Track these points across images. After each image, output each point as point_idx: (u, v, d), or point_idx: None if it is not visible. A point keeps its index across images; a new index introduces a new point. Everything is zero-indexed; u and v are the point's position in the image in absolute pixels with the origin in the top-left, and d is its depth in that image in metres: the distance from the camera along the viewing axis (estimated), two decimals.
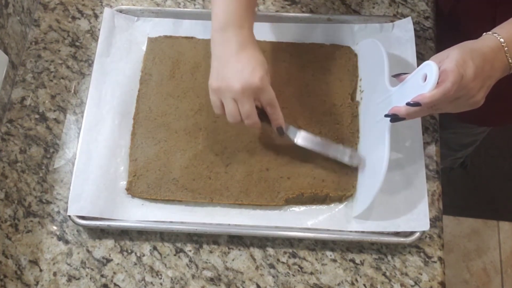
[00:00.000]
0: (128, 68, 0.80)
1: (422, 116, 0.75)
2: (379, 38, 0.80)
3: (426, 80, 0.58)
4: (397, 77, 0.65)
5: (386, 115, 0.63)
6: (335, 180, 0.72)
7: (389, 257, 0.70)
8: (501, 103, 0.67)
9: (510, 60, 0.59)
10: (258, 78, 0.62)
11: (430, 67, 0.58)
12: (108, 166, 0.73)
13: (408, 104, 0.59)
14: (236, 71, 0.63)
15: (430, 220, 0.69)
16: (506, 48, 0.59)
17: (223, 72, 0.64)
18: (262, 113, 0.67)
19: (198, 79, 0.79)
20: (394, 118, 0.62)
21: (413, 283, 0.69)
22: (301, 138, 0.71)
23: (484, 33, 0.61)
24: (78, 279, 0.69)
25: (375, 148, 0.68)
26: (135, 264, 0.70)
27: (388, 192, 0.70)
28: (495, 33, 0.60)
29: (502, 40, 0.59)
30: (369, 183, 0.68)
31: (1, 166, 0.76)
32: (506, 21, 0.62)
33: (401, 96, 0.63)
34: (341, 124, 0.75)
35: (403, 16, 0.83)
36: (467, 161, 1.59)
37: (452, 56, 0.57)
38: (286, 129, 0.70)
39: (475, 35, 0.61)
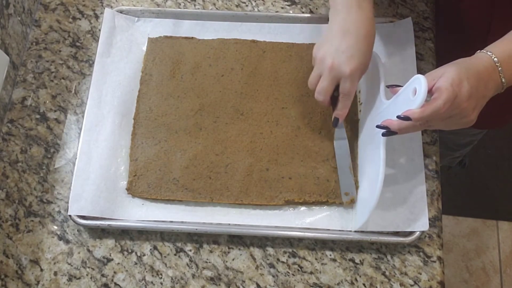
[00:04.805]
0: (129, 68, 0.80)
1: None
2: (378, 38, 0.80)
3: (416, 94, 0.58)
4: (391, 88, 0.65)
5: (378, 126, 0.63)
6: (337, 180, 0.72)
7: (389, 257, 0.70)
8: (497, 106, 0.67)
9: (503, 80, 0.59)
10: (349, 67, 0.63)
11: (419, 81, 0.57)
12: (108, 166, 0.73)
13: (398, 117, 0.59)
14: (335, 49, 0.64)
15: (430, 220, 0.70)
16: (500, 68, 0.59)
17: (327, 43, 0.65)
18: (334, 97, 0.69)
19: (198, 79, 0.79)
20: (387, 132, 0.62)
21: (412, 283, 0.69)
22: (341, 145, 0.72)
23: (478, 51, 0.61)
24: (79, 278, 0.70)
25: (372, 162, 0.67)
26: (136, 263, 0.70)
27: (387, 192, 0.70)
28: (489, 51, 0.60)
29: (496, 59, 0.59)
30: (367, 197, 0.68)
31: (2, 166, 0.76)
32: (499, 39, 0.61)
33: (393, 109, 0.63)
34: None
35: (403, 16, 0.84)
36: (465, 160, 1.60)
37: (448, 74, 0.57)
38: (340, 126, 0.72)
39: (473, 36, 0.61)
